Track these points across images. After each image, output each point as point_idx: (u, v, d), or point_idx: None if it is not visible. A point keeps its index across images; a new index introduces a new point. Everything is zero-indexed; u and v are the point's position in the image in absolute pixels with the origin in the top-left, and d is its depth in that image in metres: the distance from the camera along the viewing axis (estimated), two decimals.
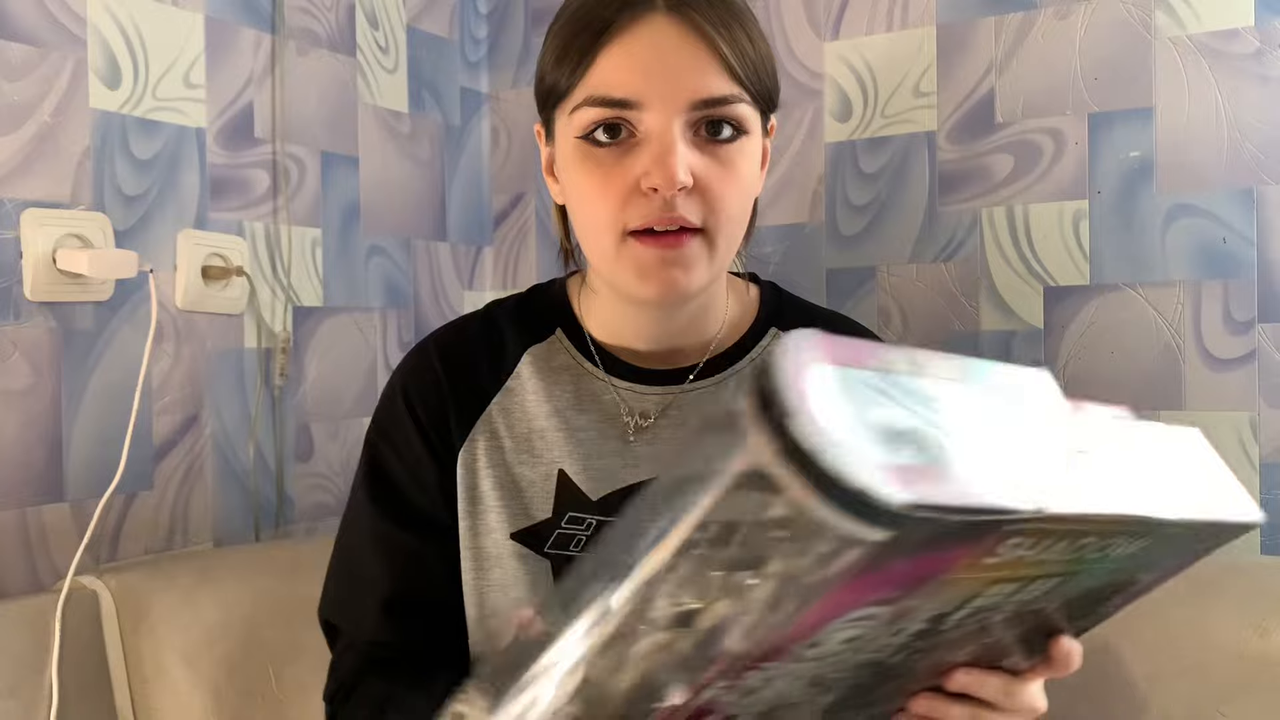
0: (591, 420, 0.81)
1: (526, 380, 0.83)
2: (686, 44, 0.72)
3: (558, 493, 0.79)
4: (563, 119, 0.76)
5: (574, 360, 0.83)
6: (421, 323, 1.53)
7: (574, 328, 0.85)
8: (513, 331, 0.85)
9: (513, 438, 0.81)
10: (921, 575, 0.42)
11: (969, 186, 1.30)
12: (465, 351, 0.84)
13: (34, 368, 1.06)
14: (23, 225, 1.04)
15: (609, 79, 0.72)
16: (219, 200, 1.24)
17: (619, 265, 0.74)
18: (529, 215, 1.62)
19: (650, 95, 0.71)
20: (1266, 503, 1.13)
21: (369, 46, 1.44)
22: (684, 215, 0.71)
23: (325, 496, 1.38)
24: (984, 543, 0.41)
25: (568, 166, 0.76)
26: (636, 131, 0.72)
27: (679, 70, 0.71)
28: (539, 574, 0.78)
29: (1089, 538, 0.45)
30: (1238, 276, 1.16)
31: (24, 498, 1.05)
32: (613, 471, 0.80)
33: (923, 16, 1.32)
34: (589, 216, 0.75)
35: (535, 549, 0.79)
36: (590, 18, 0.73)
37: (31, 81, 1.06)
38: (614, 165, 0.72)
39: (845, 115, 1.36)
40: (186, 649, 1.03)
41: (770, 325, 0.85)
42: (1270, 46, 1.14)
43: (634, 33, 0.72)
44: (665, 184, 0.70)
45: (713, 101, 0.72)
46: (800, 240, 1.39)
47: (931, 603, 0.45)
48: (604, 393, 0.82)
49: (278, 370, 1.30)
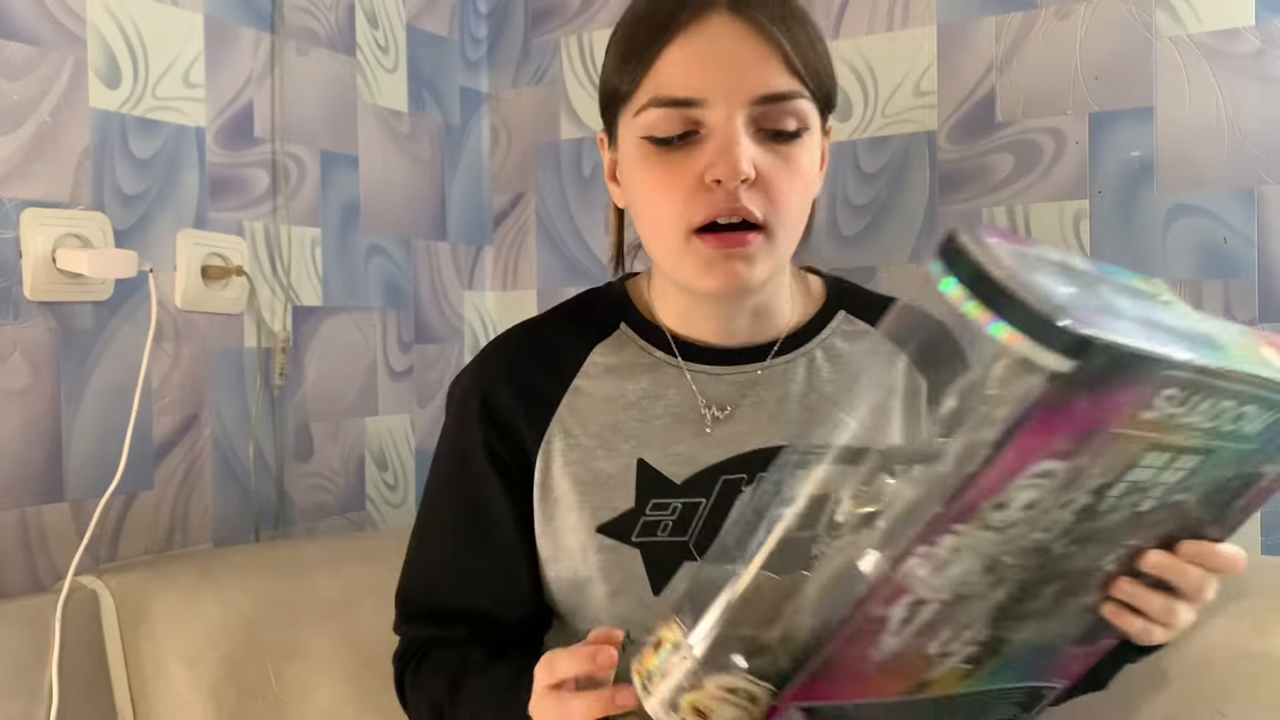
0: (667, 407, 0.82)
1: (595, 377, 0.84)
2: (748, 41, 0.73)
3: (639, 481, 0.80)
4: (626, 121, 0.77)
5: (644, 350, 0.84)
6: (421, 323, 1.53)
7: (639, 321, 0.86)
8: (576, 331, 0.86)
9: (586, 434, 0.82)
10: (1092, 423, 0.46)
11: (969, 186, 1.29)
12: (530, 356, 0.86)
13: (34, 368, 1.06)
14: (22, 225, 1.04)
15: (672, 78, 0.73)
16: (219, 200, 1.24)
17: (683, 260, 0.76)
18: (529, 215, 1.61)
19: (713, 92, 0.72)
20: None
21: (369, 46, 1.44)
22: (746, 207, 0.73)
23: (325, 496, 1.38)
24: (1144, 390, 0.46)
25: (632, 167, 0.77)
26: (700, 129, 0.73)
27: (741, 66, 0.72)
28: (629, 563, 0.79)
29: (1228, 400, 0.50)
30: (1238, 276, 1.16)
31: (24, 498, 1.05)
32: (693, 455, 0.80)
33: (923, 16, 1.32)
34: (654, 214, 0.76)
35: (623, 539, 0.79)
36: (651, 19, 0.74)
37: (31, 81, 1.06)
38: (679, 162, 0.74)
39: (845, 115, 1.36)
40: (186, 649, 1.03)
41: (838, 309, 0.87)
42: (1270, 46, 1.14)
43: (696, 31, 0.73)
44: (729, 175, 0.71)
45: (775, 97, 0.73)
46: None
47: (1098, 466, 0.49)
48: (678, 379, 0.83)
49: (277, 370, 1.30)
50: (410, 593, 0.89)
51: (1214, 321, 0.57)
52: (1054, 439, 0.46)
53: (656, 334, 0.85)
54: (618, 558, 0.79)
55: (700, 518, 0.79)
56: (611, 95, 0.78)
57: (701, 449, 0.81)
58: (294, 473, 1.34)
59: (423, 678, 0.85)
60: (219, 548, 1.23)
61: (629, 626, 0.73)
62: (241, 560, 1.13)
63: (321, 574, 1.13)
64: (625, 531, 0.80)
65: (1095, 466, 0.49)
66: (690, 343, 0.84)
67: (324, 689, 1.08)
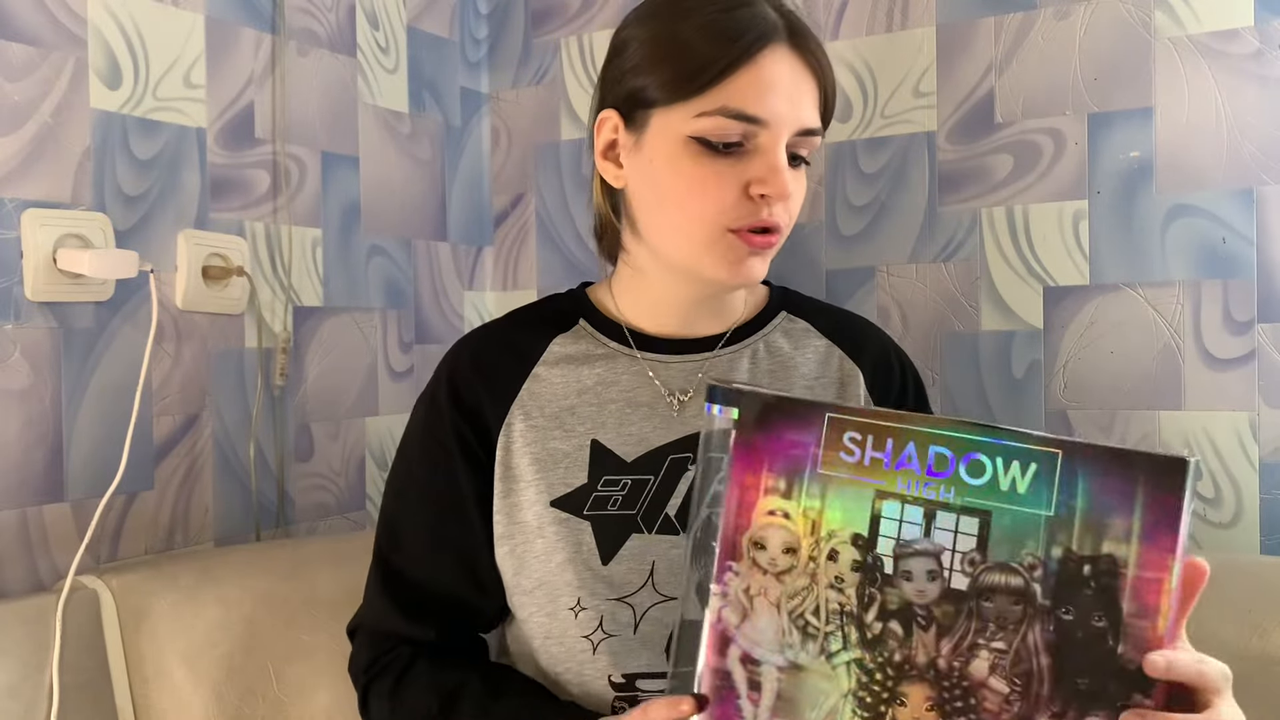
0: (621, 392, 0.90)
1: (554, 365, 0.91)
2: (802, 77, 0.82)
3: (592, 459, 0.88)
4: (673, 117, 0.82)
5: (600, 341, 0.93)
6: (422, 323, 1.53)
7: (596, 316, 0.94)
8: (537, 326, 0.94)
9: (545, 416, 0.89)
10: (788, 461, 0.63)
11: (969, 186, 1.30)
12: (494, 348, 0.93)
13: (34, 368, 1.06)
14: (23, 225, 1.04)
15: (745, 95, 0.80)
16: (219, 200, 1.24)
17: (710, 252, 0.83)
18: (529, 215, 1.62)
19: (775, 117, 0.80)
20: (1266, 503, 1.14)
21: (369, 46, 1.44)
22: (776, 218, 0.83)
23: (325, 496, 1.38)
24: (813, 430, 0.62)
25: (671, 161, 0.83)
26: (749, 143, 0.81)
27: (797, 98, 0.82)
28: (580, 534, 0.86)
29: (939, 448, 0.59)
30: (1237, 276, 1.16)
31: (24, 498, 1.05)
32: (644, 435, 0.88)
33: (923, 16, 1.32)
34: (688, 208, 0.83)
35: (575, 512, 0.86)
36: (726, 35, 0.80)
37: (32, 81, 1.06)
38: (725, 170, 0.81)
39: (845, 115, 1.36)
40: (187, 649, 1.03)
41: (781, 309, 0.96)
42: (1270, 46, 1.14)
43: (769, 57, 0.81)
44: (778, 194, 0.81)
45: (809, 132, 0.83)
46: (800, 240, 1.39)
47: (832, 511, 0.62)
48: (631, 365, 0.91)
49: (278, 370, 1.30)
50: (381, 578, 0.93)
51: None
52: (762, 474, 0.63)
53: (613, 328, 0.93)
54: (569, 529, 0.86)
55: (648, 493, 0.86)
56: (662, 87, 0.82)
57: (651, 430, 0.88)
58: (294, 473, 1.34)
59: (404, 697, 0.88)
60: (219, 547, 1.23)
61: (578, 593, 0.84)
62: (242, 560, 1.13)
63: (322, 574, 1.13)
64: (578, 505, 0.87)
65: (829, 510, 0.62)
66: (644, 334, 0.92)
67: (324, 689, 1.08)
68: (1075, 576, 0.56)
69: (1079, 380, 1.24)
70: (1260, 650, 0.93)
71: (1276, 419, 1.14)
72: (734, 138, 0.80)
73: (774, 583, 0.64)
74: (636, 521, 0.86)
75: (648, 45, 0.84)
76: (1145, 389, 1.20)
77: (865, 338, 0.96)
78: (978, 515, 0.58)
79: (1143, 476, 0.55)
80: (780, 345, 0.93)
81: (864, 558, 0.61)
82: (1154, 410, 1.20)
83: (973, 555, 0.58)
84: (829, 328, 0.95)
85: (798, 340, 0.94)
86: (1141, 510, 0.55)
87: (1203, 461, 1.17)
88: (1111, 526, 0.56)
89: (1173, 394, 1.19)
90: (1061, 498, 0.56)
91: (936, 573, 0.59)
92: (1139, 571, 0.55)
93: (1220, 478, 1.16)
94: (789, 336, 0.94)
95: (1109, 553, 0.55)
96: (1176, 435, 1.19)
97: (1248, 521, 1.15)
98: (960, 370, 1.30)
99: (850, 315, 1.00)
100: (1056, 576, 0.57)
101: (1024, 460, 0.57)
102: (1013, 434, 0.58)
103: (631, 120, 0.85)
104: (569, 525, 0.86)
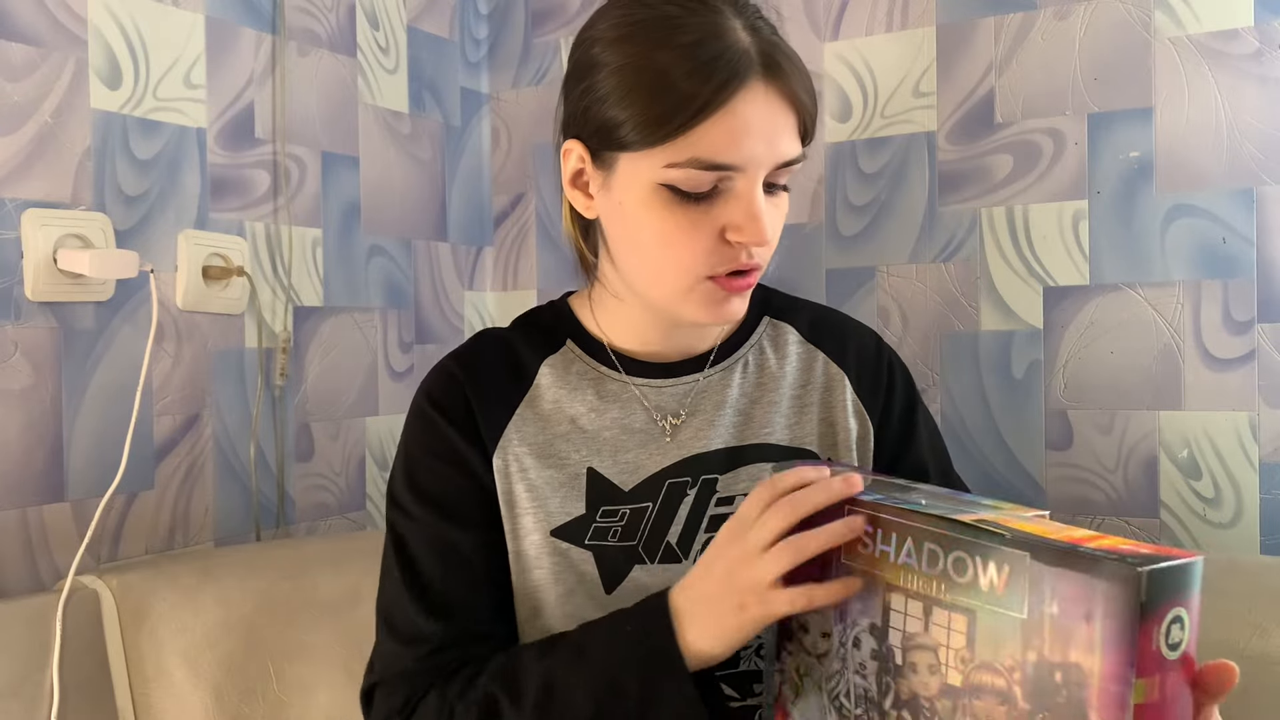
0: (614, 419, 0.87)
1: (546, 389, 0.88)
2: (778, 112, 0.77)
3: (589, 489, 0.84)
4: (642, 162, 0.77)
5: (590, 366, 0.89)
6: (422, 323, 1.53)
7: (584, 338, 0.90)
8: (526, 346, 0.90)
9: (538, 443, 0.85)
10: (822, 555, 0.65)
11: (969, 186, 1.30)
12: (485, 366, 0.88)
13: (35, 368, 1.06)
14: (23, 225, 1.04)
15: (715, 146, 0.74)
16: (219, 200, 1.24)
17: (687, 299, 0.80)
18: (529, 216, 1.62)
19: (749, 162, 0.75)
20: (1266, 503, 1.14)
21: (369, 47, 1.44)
22: (755, 259, 0.79)
23: (326, 496, 1.38)
24: (839, 517, 0.64)
25: (642, 208, 0.78)
26: (723, 185, 0.76)
27: (772, 137, 0.76)
28: (583, 564, 0.82)
29: (931, 544, 0.59)
30: (1237, 276, 1.16)
31: (25, 498, 1.05)
32: (639, 463, 0.85)
33: (923, 17, 1.32)
34: (663, 257, 0.78)
35: (576, 542, 0.83)
36: (696, 75, 0.74)
37: (32, 82, 1.06)
38: (699, 216, 0.76)
39: (845, 115, 1.36)
40: (187, 649, 1.03)
41: (763, 315, 0.93)
42: (1269, 46, 1.14)
43: (743, 100, 0.74)
44: (756, 241, 0.76)
45: (789, 162, 0.78)
46: (800, 240, 1.39)
47: (857, 600, 0.64)
48: (623, 392, 0.88)
49: (278, 370, 1.30)
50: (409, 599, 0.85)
51: (1025, 512, 0.63)
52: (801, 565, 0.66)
53: (600, 350, 0.89)
54: (571, 559, 0.83)
55: (647, 522, 0.84)
56: (629, 131, 0.77)
57: (646, 457, 0.85)
58: (295, 472, 1.34)
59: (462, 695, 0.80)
60: (220, 547, 1.23)
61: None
62: (242, 560, 1.13)
63: (322, 574, 1.14)
64: (578, 536, 0.83)
65: (853, 600, 0.64)
66: (632, 358, 0.89)
67: (324, 689, 1.08)
68: (1048, 683, 0.54)
69: (1079, 380, 1.24)
70: (1260, 650, 0.93)
71: (1276, 419, 1.14)
72: (706, 187, 0.75)
73: (816, 664, 0.67)
74: (638, 552, 0.82)
75: (615, 77, 0.77)
76: (1145, 389, 1.20)
77: (848, 337, 0.93)
78: (965, 613, 0.58)
79: (1101, 585, 0.52)
80: (766, 356, 0.91)
81: (879, 647, 0.63)
82: (1154, 410, 1.20)
83: (963, 653, 0.58)
84: (810, 330, 0.92)
85: (781, 348, 0.91)
86: (1100, 620, 0.52)
87: (1201, 461, 1.17)
88: (1076, 633, 0.53)
89: (1173, 394, 1.19)
90: (1033, 600, 0.55)
91: (936, 667, 0.60)
92: (1102, 684, 0.52)
93: (1220, 478, 1.16)
94: (774, 345, 0.92)
95: (1076, 661, 0.53)
96: (1176, 435, 1.19)
97: (1248, 521, 1.15)
98: (960, 370, 1.30)
99: (830, 313, 0.96)
100: (1033, 682, 0.55)
101: (998, 561, 0.56)
102: (989, 533, 0.57)
103: (599, 157, 0.80)
104: (570, 555, 0.83)
